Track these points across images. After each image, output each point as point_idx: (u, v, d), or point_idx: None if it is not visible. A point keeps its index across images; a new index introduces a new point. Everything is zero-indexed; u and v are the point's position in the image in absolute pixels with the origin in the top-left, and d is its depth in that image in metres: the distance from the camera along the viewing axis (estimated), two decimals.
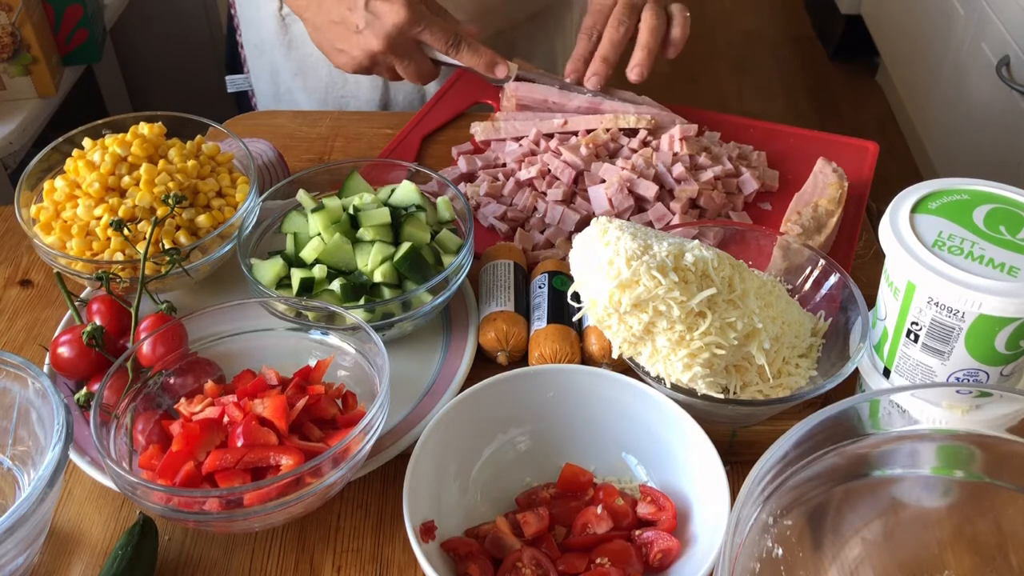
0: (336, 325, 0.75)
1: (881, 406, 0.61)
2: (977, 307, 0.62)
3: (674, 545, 0.65)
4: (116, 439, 0.69)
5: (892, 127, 2.88)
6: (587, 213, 0.91)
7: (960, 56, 2.24)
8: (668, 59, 1.02)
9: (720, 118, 1.07)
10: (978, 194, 0.69)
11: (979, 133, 2.16)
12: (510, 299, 0.82)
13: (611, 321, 0.69)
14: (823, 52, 3.31)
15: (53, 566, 0.69)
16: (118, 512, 0.73)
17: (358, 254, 0.79)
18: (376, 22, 0.95)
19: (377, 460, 0.72)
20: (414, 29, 0.96)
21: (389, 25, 0.95)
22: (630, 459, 0.73)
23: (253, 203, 0.85)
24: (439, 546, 0.66)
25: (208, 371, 0.75)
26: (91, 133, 0.90)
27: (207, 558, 0.70)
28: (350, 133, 1.11)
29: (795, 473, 0.58)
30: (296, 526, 0.72)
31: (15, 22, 1.41)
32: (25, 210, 0.85)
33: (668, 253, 0.67)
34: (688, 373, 0.68)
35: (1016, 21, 1.94)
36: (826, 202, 0.89)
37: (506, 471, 0.73)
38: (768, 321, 0.71)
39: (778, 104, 3.07)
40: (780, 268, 0.80)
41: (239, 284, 0.82)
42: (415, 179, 0.87)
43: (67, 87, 1.58)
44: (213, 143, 0.91)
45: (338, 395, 0.73)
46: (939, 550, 0.63)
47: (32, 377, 0.68)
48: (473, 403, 0.71)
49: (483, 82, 1.05)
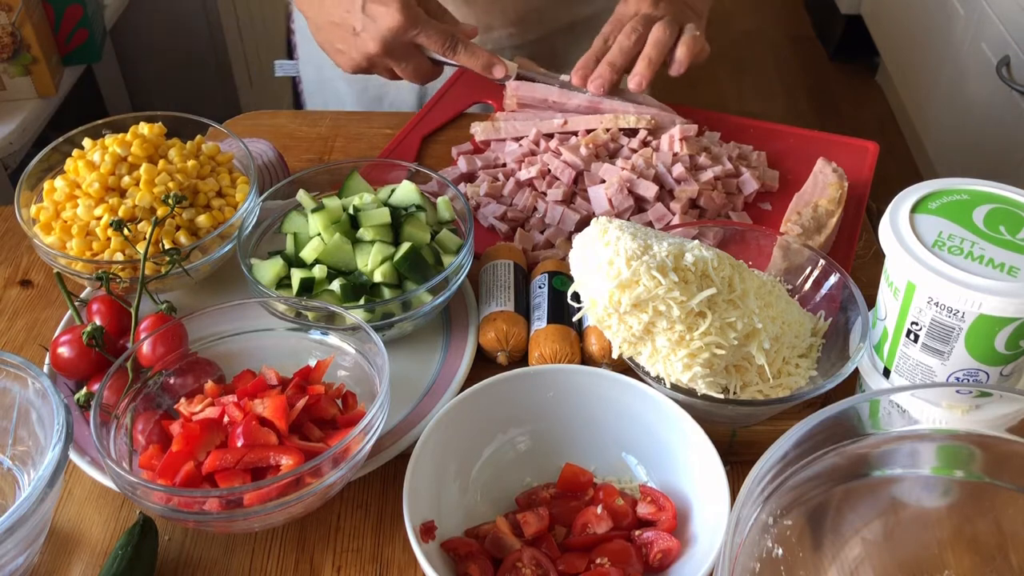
0: (336, 325, 0.75)
1: (881, 406, 0.61)
2: (977, 307, 0.62)
3: (674, 545, 0.65)
4: (116, 439, 0.69)
5: (892, 127, 2.88)
6: (587, 213, 0.91)
7: (960, 56, 2.24)
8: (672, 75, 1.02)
9: (720, 118, 1.07)
10: (978, 194, 0.69)
11: (979, 133, 2.16)
12: (510, 299, 0.82)
13: (611, 321, 0.69)
14: (823, 52, 3.31)
15: (53, 566, 0.69)
16: (118, 512, 0.73)
17: (358, 254, 0.79)
18: (372, 25, 0.95)
19: (377, 460, 0.72)
20: (410, 32, 0.96)
21: (384, 29, 0.95)
22: (630, 459, 0.73)
23: (253, 203, 0.85)
24: (439, 546, 0.66)
25: (208, 371, 0.75)
26: (91, 133, 0.90)
27: (207, 558, 0.70)
28: (350, 133, 1.11)
29: (795, 473, 0.58)
30: (296, 526, 0.72)
31: (15, 22, 1.41)
32: (25, 210, 0.85)
33: (668, 253, 0.67)
34: (688, 373, 0.68)
35: (1016, 21, 1.94)
36: (826, 202, 0.89)
37: (506, 471, 0.73)
38: (768, 321, 0.71)
39: (778, 104, 3.07)
40: (780, 268, 0.80)
41: (239, 284, 0.82)
42: (415, 179, 0.87)
43: (67, 87, 1.58)
44: (213, 143, 0.91)
45: (338, 395, 0.73)
46: (939, 550, 0.63)
47: (32, 377, 0.68)
48: (473, 403, 0.71)
49: (483, 82, 1.05)
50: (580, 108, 1.02)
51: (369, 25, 0.96)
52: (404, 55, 0.98)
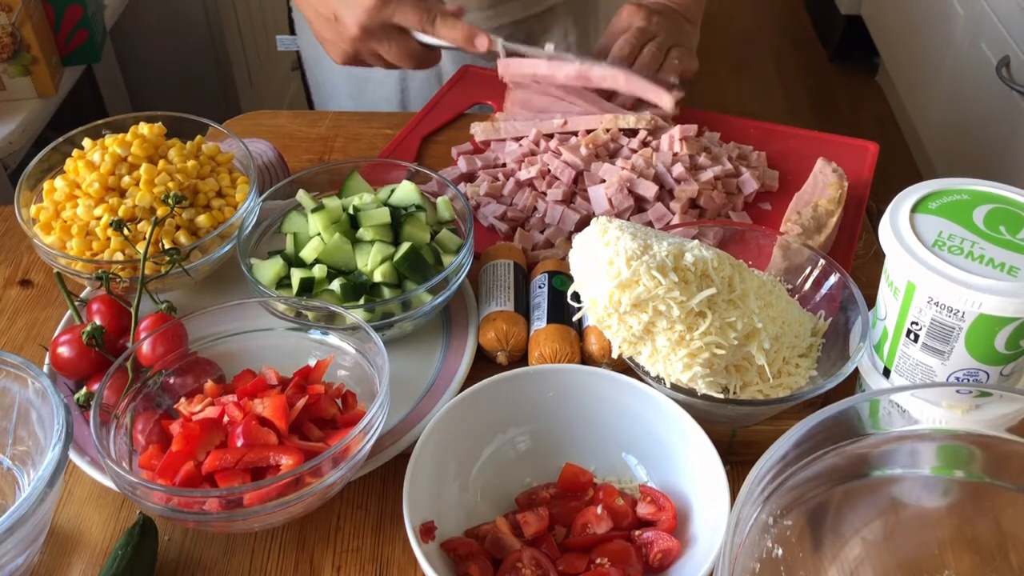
0: (336, 325, 0.75)
1: (881, 406, 0.61)
2: (977, 307, 0.62)
3: (674, 545, 0.65)
4: (116, 439, 0.69)
5: (892, 127, 2.88)
6: (587, 213, 0.91)
7: (960, 56, 2.23)
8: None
9: (720, 118, 1.07)
10: (978, 194, 0.69)
11: (979, 133, 2.16)
12: (510, 299, 0.82)
13: (611, 321, 0.69)
14: (823, 53, 3.31)
15: (53, 566, 0.69)
16: (118, 512, 0.73)
17: (358, 254, 0.79)
18: (348, 9, 0.95)
19: (377, 460, 0.72)
20: (385, 11, 0.95)
21: (360, 10, 0.95)
22: (630, 459, 0.73)
23: (253, 203, 0.85)
24: (439, 546, 0.66)
25: (208, 371, 0.75)
26: (91, 133, 0.90)
27: (207, 558, 0.70)
28: (350, 133, 1.11)
29: (795, 473, 0.58)
30: (296, 526, 0.72)
31: (15, 22, 1.41)
32: (25, 210, 0.85)
33: (668, 253, 0.67)
34: (688, 373, 0.68)
35: (1016, 21, 1.94)
36: (826, 202, 0.89)
37: (506, 471, 0.73)
38: (768, 321, 0.71)
39: (778, 104, 3.07)
40: (780, 268, 0.80)
41: (239, 284, 0.82)
42: (415, 179, 0.87)
43: (67, 87, 1.58)
44: (213, 143, 0.91)
45: (338, 395, 0.73)
46: (939, 550, 0.63)
47: (32, 377, 0.68)
48: (473, 403, 0.71)
49: (483, 83, 1.05)
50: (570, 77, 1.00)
51: (345, 10, 0.95)
52: (386, 36, 0.97)
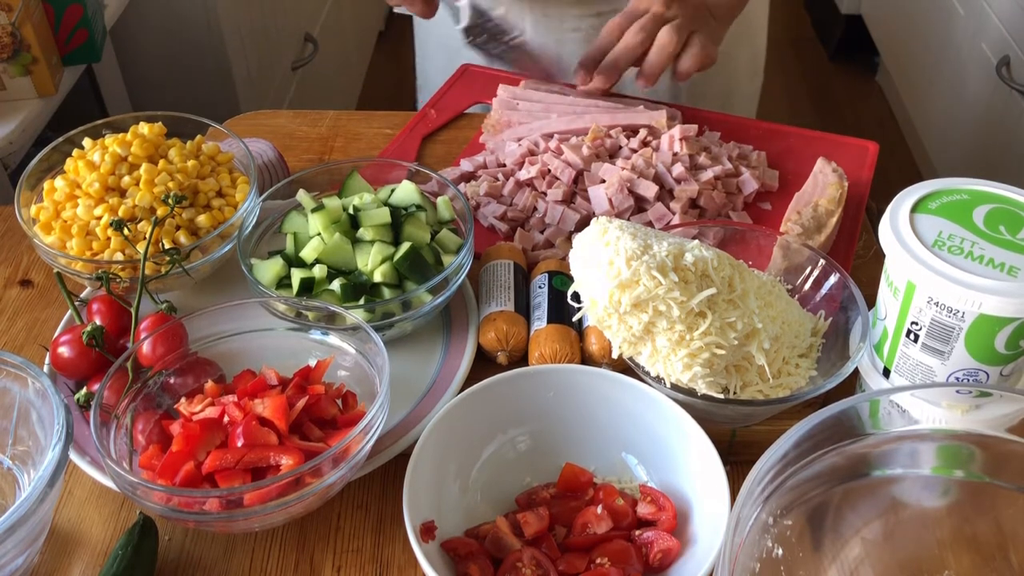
0: (336, 325, 0.75)
1: (881, 406, 0.61)
2: (977, 307, 0.62)
3: (674, 545, 0.65)
4: (116, 439, 0.68)
5: (892, 127, 2.88)
6: (587, 213, 0.91)
7: (960, 56, 2.24)
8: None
9: (720, 118, 1.07)
10: (978, 194, 0.69)
11: (979, 133, 2.16)
12: (510, 299, 0.82)
13: (611, 321, 0.69)
14: (823, 52, 3.31)
15: (53, 566, 0.69)
16: (118, 512, 0.73)
17: (358, 254, 0.79)
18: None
19: (377, 460, 0.72)
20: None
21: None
22: (630, 459, 0.73)
23: (253, 203, 0.85)
24: (439, 546, 0.66)
25: (208, 371, 0.75)
26: (91, 133, 0.90)
27: (207, 558, 0.70)
28: (350, 133, 1.12)
29: (795, 473, 0.58)
30: (296, 526, 0.72)
31: (15, 22, 1.41)
32: (25, 210, 0.85)
33: (668, 253, 0.67)
34: (688, 373, 0.68)
35: (1016, 21, 1.94)
36: (826, 202, 0.89)
37: (506, 471, 0.73)
38: (768, 321, 0.71)
39: (778, 104, 3.07)
40: (780, 268, 0.80)
41: (239, 284, 0.82)
42: (415, 179, 0.87)
43: (67, 87, 1.58)
44: (213, 143, 0.91)
45: (338, 395, 0.73)
46: (939, 550, 0.63)
47: (32, 377, 0.68)
48: (473, 403, 0.71)
49: (483, 82, 1.05)
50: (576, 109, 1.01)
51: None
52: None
